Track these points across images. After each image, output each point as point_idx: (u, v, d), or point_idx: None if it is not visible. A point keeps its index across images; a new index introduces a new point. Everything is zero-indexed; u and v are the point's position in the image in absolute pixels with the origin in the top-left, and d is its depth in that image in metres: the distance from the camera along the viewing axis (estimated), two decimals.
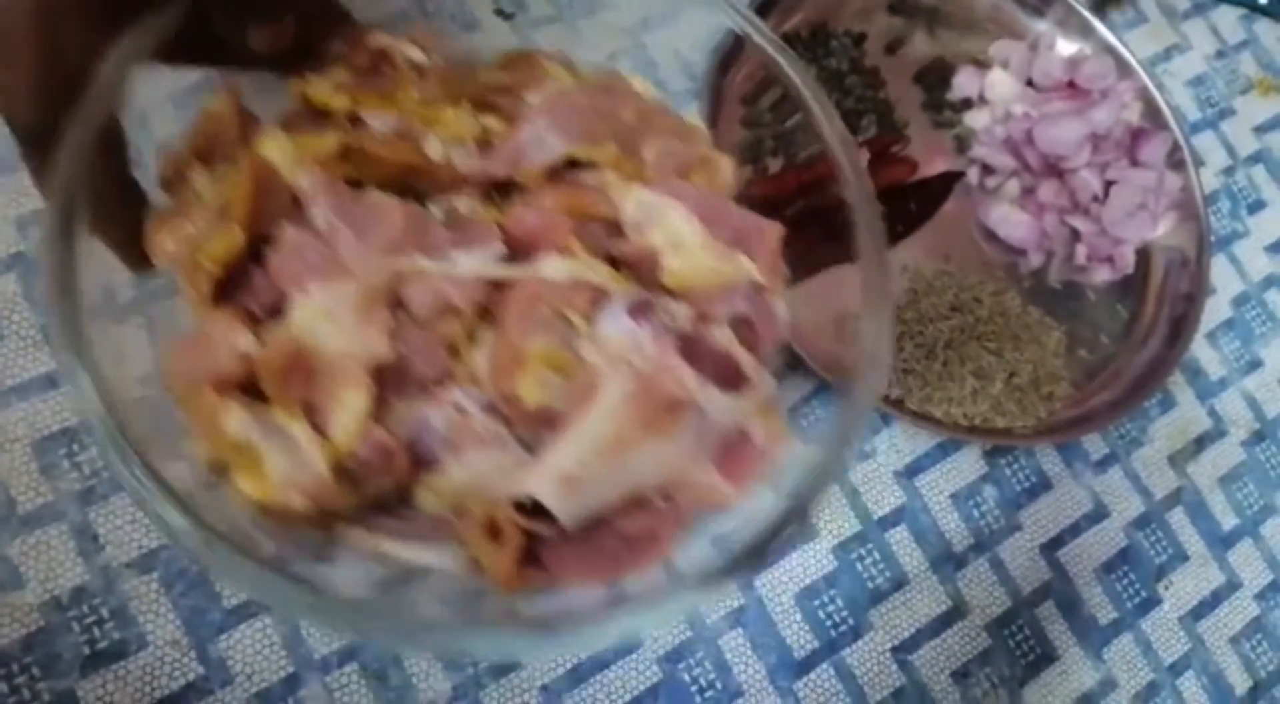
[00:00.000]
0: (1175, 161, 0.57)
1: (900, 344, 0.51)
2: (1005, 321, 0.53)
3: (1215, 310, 0.60)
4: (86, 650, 0.39)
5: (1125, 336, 0.56)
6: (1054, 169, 0.55)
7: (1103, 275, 0.56)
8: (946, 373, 0.51)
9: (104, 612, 0.40)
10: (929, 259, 0.54)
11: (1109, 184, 0.55)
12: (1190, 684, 0.52)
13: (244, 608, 0.41)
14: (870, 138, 0.55)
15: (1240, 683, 0.53)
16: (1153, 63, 0.64)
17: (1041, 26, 0.59)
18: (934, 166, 0.56)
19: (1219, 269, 0.61)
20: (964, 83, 0.58)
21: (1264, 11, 0.67)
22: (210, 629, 0.41)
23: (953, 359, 0.51)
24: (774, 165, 0.53)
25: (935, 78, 0.58)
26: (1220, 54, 0.66)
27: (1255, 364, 0.60)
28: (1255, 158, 0.65)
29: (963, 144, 0.57)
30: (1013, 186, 0.56)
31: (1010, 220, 0.55)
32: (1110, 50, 0.59)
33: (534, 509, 0.29)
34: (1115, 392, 0.53)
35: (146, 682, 0.39)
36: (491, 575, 0.29)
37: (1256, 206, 0.63)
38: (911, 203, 0.55)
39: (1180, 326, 0.55)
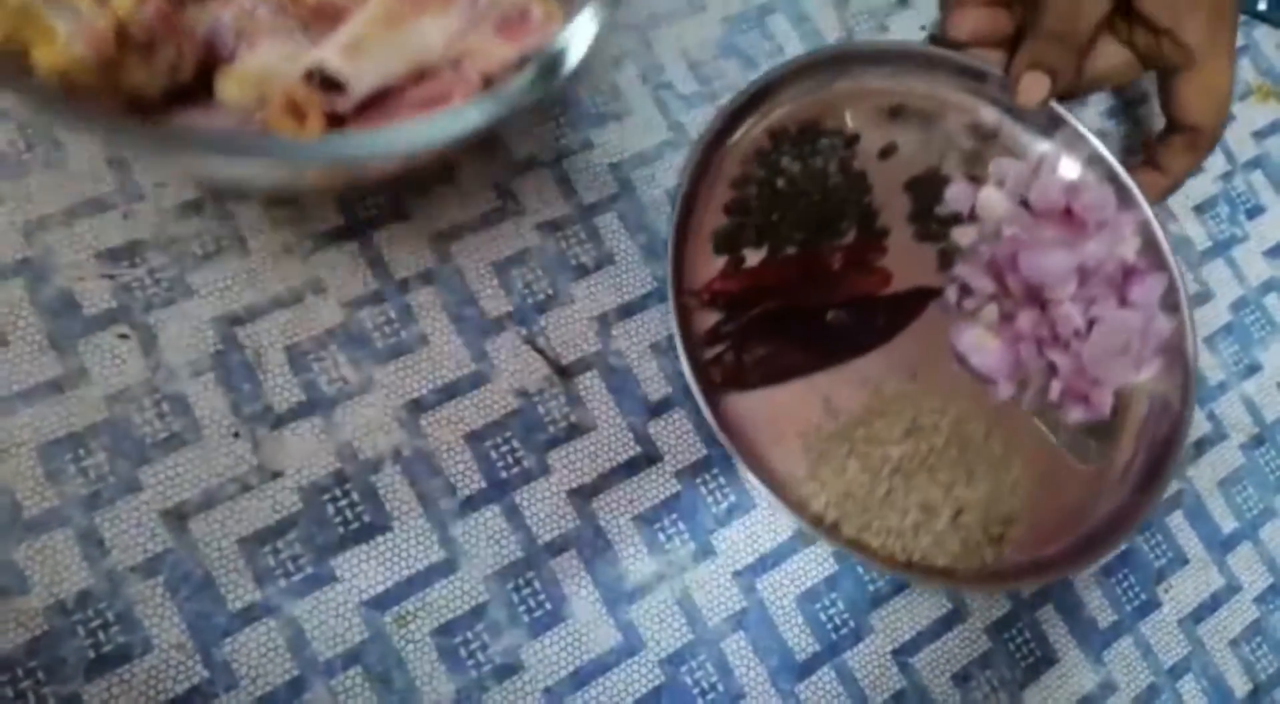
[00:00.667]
0: (1169, 303, 0.54)
1: (844, 464, 0.48)
2: (962, 453, 0.49)
3: (1214, 315, 0.60)
4: (91, 655, 0.39)
5: (1093, 482, 0.52)
6: (1036, 298, 0.52)
7: (1077, 415, 0.52)
8: (888, 502, 0.47)
9: (109, 616, 0.40)
10: (892, 375, 0.51)
11: (1093, 321, 0.52)
12: (1190, 687, 0.53)
13: (249, 611, 0.41)
14: (846, 244, 0.52)
15: (1240, 686, 0.54)
16: None
17: (1045, 147, 0.56)
18: (912, 280, 0.53)
19: (1217, 273, 0.61)
20: (955, 196, 0.55)
21: (1262, 18, 0.68)
22: (215, 633, 0.41)
23: (898, 488, 0.47)
24: (753, 258, 0.51)
25: (926, 188, 0.55)
26: None
27: (1254, 368, 0.60)
28: (1254, 163, 0.65)
29: (947, 260, 0.54)
30: (991, 311, 0.53)
31: (983, 348, 0.52)
32: (1115, 179, 0.56)
33: (326, 84, 0.35)
34: (1074, 539, 0.50)
35: (151, 686, 0.40)
36: None
37: (1255, 211, 0.64)
38: (880, 316, 0.52)
39: (1155, 473, 0.51)
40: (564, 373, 0.48)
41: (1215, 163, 0.64)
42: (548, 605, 0.45)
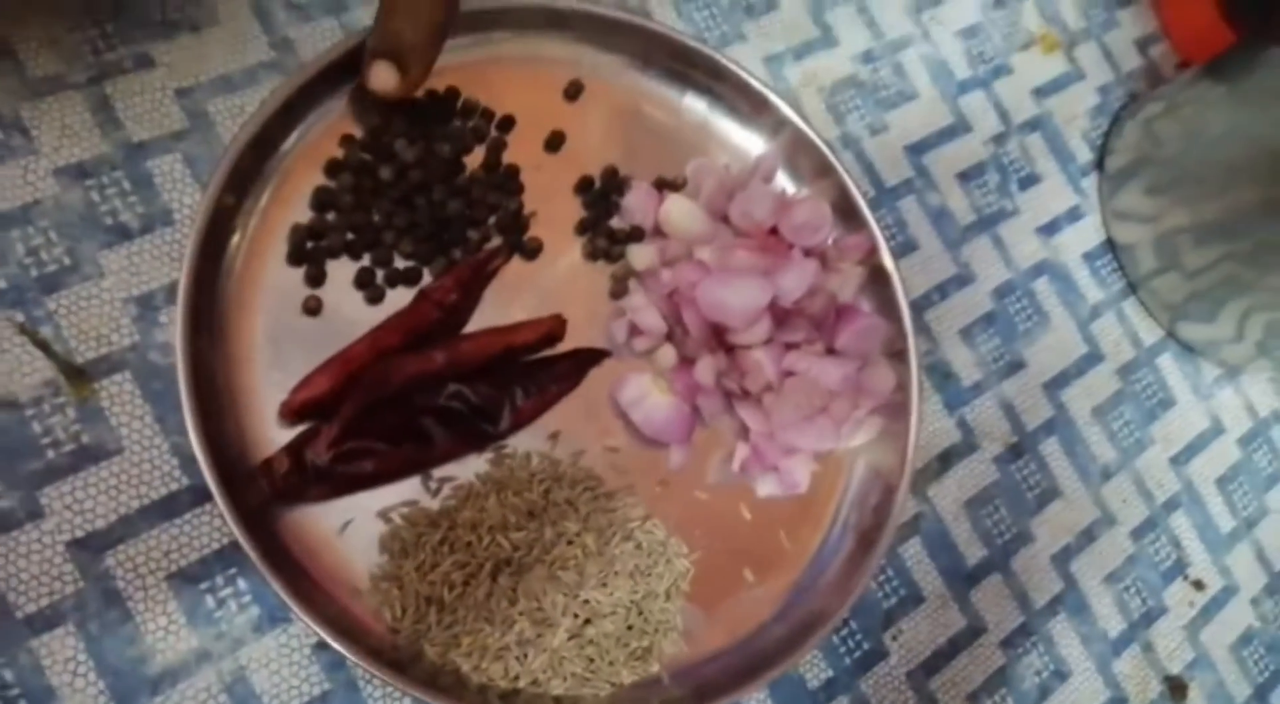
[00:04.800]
0: (896, 352, 0.43)
1: (436, 557, 0.35)
2: (601, 542, 0.37)
3: (974, 302, 0.51)
4: None
5: (783, 572, 0.41)
6: (721, 341, 0.41)
7: (768, 488, 0.41)
8: (485, 610, 0.35)
9: None
10: (530, 435, 0.38)
11: (789, 374, 0.41)
12: None
13: None
14: (461, 262, 0.39)
15: None
16: (919, 8, 0.54)
17: (760, 150, 0.45)
18: (575, 312, 0.40)
19: (980, 252, 0.52)
20: (635, 204, 0.42)
21: None
22: None
23: (500, 591, 0.35)
24: (338, 273, 0.37)
25: (603, 191, 0.42)
26: (998, 2, 0.57)
27: (1016, 366, 0.51)
28: (1032, 125, 0.56)
29: (621, 287, 0.42)
30: (667, 355, 0.41)
31: (648, 402, 0.40)
32: (844, 197, 0.44)
33: None
34: (753, 647, 0.39)
35: None
36: None
37: (1029, 181, 0.55)
38: (524, 387, 0.38)
39: (859, 560, 0.40)
40: (78, 375, 0.35)
41: (986, 123, 0.54)
42: (20, 699, 0.32)
